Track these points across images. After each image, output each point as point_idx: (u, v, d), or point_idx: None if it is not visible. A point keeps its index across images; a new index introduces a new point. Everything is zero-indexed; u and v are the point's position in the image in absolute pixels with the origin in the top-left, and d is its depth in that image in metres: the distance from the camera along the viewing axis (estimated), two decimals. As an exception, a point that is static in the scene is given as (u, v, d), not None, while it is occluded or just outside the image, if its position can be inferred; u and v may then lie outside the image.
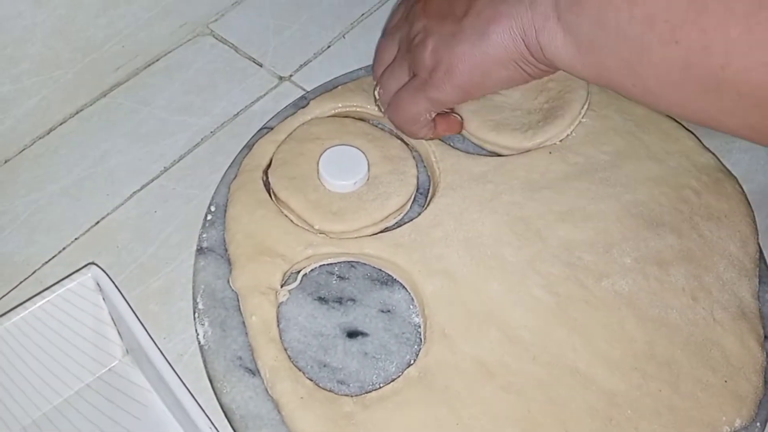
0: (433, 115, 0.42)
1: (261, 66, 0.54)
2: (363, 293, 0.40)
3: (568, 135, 0.45)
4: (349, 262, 0.41)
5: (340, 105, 0.47)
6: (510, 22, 0.35)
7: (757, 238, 0.42)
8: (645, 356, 0.37)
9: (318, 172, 0.42)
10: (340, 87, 0.49)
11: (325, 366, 0.38)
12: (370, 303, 0.40)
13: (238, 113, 0.51)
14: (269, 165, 0.44)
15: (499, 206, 0.42)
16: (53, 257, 0.43)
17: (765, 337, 0.39)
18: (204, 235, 0.42)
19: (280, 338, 0.38)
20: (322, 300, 0.40)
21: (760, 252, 0.42)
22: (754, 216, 0.43)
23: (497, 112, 0.46)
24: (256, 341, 0.37)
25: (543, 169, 0.43)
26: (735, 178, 0.45)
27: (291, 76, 0.54)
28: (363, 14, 0.58)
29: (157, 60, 0.54)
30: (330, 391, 0.36)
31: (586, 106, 0.46)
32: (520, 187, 0.43)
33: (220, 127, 0.50)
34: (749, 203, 0.44)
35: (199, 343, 0.38)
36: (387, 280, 0.41)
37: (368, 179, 0.43)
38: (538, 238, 0.41)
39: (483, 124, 0.45)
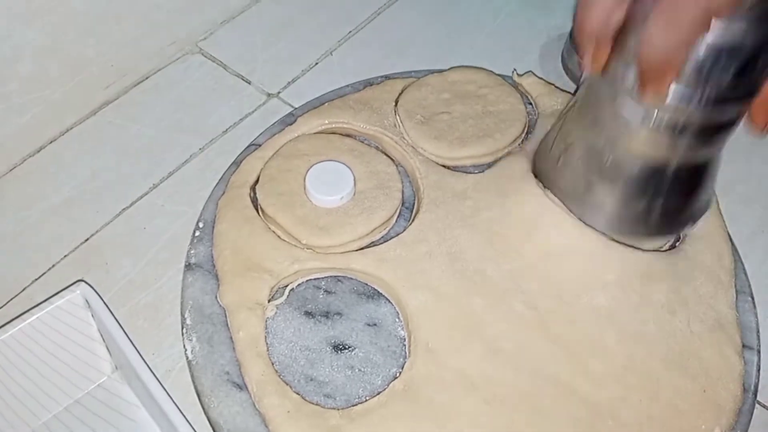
0: None
1: (249, 83, 0.55)
2: (349, 307, 0.41)
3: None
4: (335, 276, 0.42)
5: (326, 121, 0.48)
6: None
7: (731, 250, 0.43)
8: (625, 368, 0.38)
9: (305, 188, 0.43)
10: (327, 104, 0.50)
11: (311, 380, 0.38)
12: (357, 317, 0.40)
13: (226, 130, 0.52)
14: (257, 181, 0.45)
15: (480, 222, 0.42)
16: (42, 275, 0.44)
17: (744, 346, 0.40)
18: (192, 251, 0.43)
19: (267, 353, 0.38)
20: (308, 314, 0.40)
21: (737, 262, 0.43)
22: (726, 228, 0.44)
23: (441, 122, 0.47)
24: (244, 356, 0.38)
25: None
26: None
27: (279, 93, 0.55)
28: (350, 32, 0.59)
29: (147, 78, 0.55)
30: (317, 404, 0.37)
31: (523, 136, 0.48)
32: (498, 203, 0.43)
33: (208, 144, 0.51)
34: (722, 216, 0.44)
35: (187, 358, 0.39)
36: (373, 294, 0.41)
37: (354, 194, 0.43)
38: (517, 253, 0.41)
39: (425, 134, 0.47)
